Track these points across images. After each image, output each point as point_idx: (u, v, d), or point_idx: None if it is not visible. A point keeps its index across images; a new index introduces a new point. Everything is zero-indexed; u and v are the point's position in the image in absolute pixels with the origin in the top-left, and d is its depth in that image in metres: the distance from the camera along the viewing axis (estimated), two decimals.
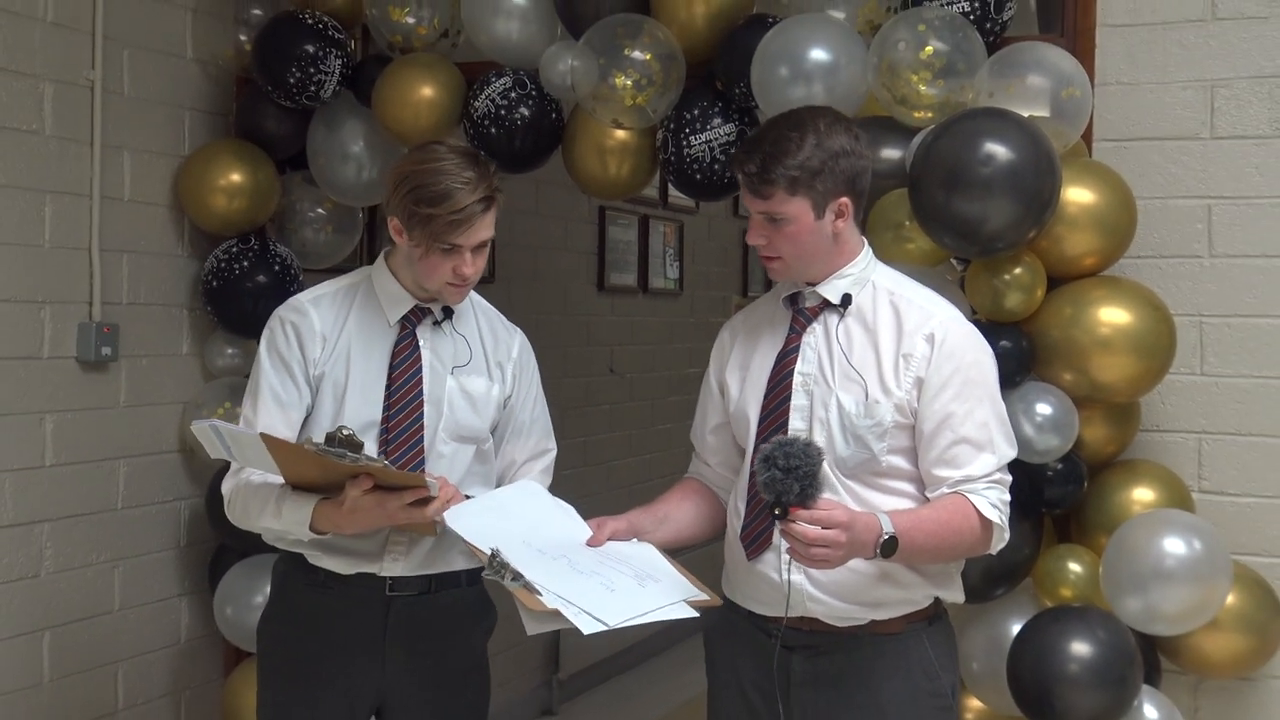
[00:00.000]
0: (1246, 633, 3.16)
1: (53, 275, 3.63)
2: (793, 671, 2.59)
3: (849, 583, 2.52)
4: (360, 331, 2.76)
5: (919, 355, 2.53)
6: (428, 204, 2.60)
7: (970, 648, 3.29)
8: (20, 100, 3.53)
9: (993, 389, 2.60)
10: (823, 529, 2.31)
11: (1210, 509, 3.28)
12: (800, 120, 2.55)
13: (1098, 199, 3.18)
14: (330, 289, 2.83)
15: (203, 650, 4.12)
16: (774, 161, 2.49)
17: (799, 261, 2.58)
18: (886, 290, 2.61)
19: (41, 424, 3.61)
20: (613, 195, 3.98)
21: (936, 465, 2.54)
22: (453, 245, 2.63)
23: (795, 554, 2.36)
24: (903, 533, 2.42)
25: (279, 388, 2.72)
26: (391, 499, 2.52)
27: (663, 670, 6.54)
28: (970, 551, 2.59)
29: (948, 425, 2.52)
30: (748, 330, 2.74)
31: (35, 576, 3.60)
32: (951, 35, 3.19)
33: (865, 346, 2.57)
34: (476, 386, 2.79)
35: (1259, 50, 3.28)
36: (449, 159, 2.64)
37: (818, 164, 2.50)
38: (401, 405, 2.72)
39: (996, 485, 2.56)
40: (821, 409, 2.56)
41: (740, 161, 2.55)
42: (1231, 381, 3.31)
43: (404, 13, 3.83)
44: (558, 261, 6.11)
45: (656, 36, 3.51)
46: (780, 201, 2.51)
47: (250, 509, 2.70)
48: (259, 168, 3.97)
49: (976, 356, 2.59)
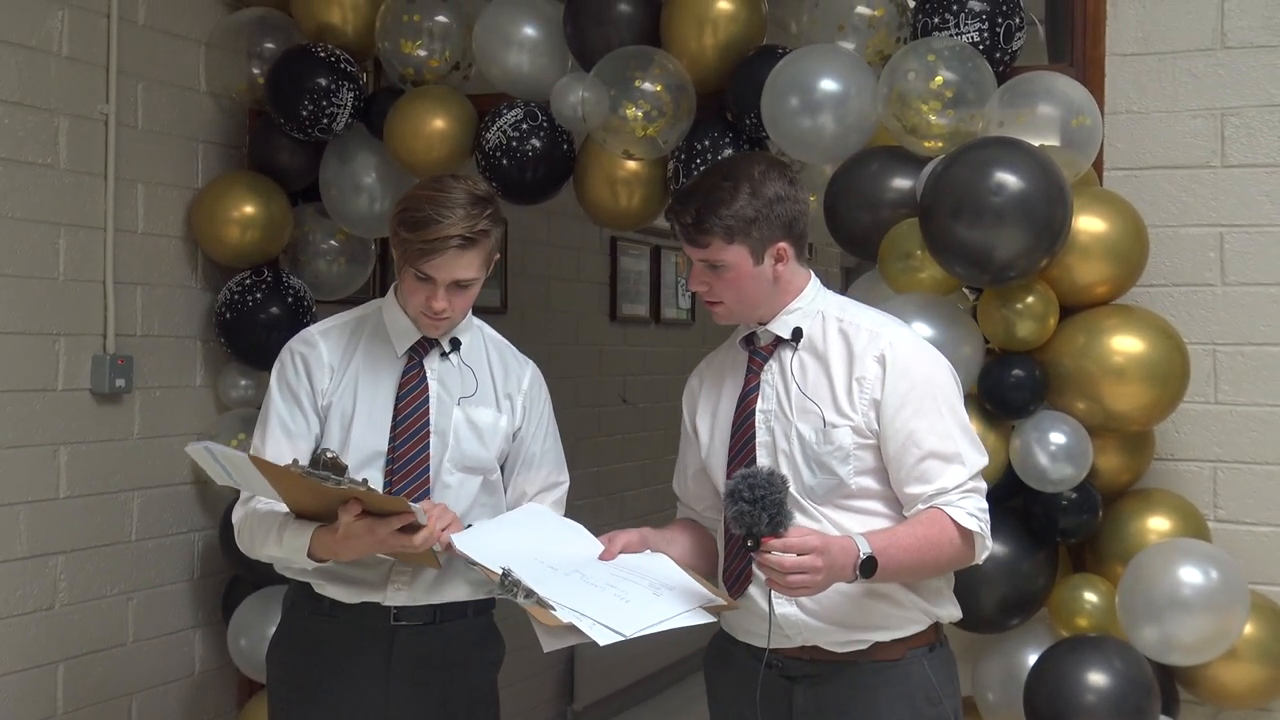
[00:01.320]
0: (1264, 663, 3.14)
1: (67, 307, 3.64)
2: (795, 702, 2.58)
3: (839, 606, 2.52)
4: (368, 362, 2.78)
5: (871, 377, 2.54)
6: (406, 227, 2.65)
7: (986, 678, 3.27)
8: (35, 134, 3.55)
9: (951, 400, 2.59)
10: (797, 556, 2.31)
11: (1226, 538, 3.26)
12: (734, 169, 2.58)
13: (1109, 227, 3.18)
14: (340, 321, 2.86)
15: (216, 682, 4.11)
16: (708, 211, 2.52)
17: (741, 306, 2.61)
18: (835, 318, 2.62)
19: (56, 456, 3.62)
20: (624, 226, 3.99)
21: (908, 483, 2.54)
22: (426, 275, 2.66)
23: (774, 584, 2.35)
24: (880, 551, 2.41)
25: (287, 418, 2.75)
26: (381, 525, 2.53)
27: (678, 702, 6.52)
28: (954, 563, 2.58)
29: (912, 442, 2.52)
30: (712, 375, 2.77)
31: (50, 608, 3.60)
32: (961, 65, 3.20)
33: (818, 375, 2.58)
34: (483, 417, 2.80)
35: (1269, 78, 3.29)
36: (445, 191, 2.67)
37: (753, 212, 2.53)
38: (407, 435, 2.73)
39: (971, 494, 2.55)
40: (784, 441, 2.57)
41: (676, 212, 2.58)
42: (1246, 410, 3.30)
43: (415, 45, 3.85)
44: (570, 292, 6.12)
45: (667, 68, 3.53)
46: (718, 250, 2.54)
47: (256, 537, 2.71)
48: (272, 200, 3.99)
49: (929, 371, 2.58)
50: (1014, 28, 3.29)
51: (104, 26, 3.73)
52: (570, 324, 6.11)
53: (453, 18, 3.87)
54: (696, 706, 3.04)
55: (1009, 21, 3.28)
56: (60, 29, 3.61)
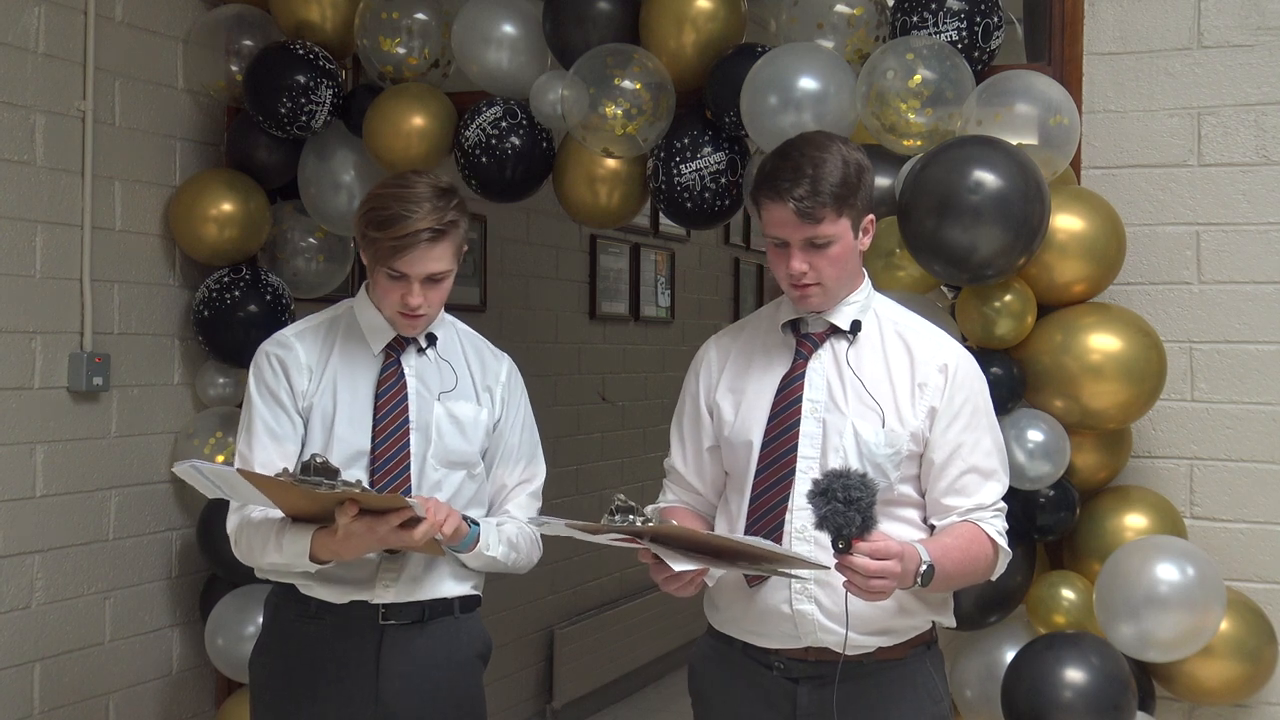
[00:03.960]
0: (1240, 659, 3.16)
1: (44, 305, 3.63)
2: (799, 703, 2.57)
3: (868, 614, 2.50)
4: (345, 362, 2.78)
5: (934, 385, 2.54)
6: (375, 227, 2.65)
7: (964, 675, 3.28)
8: (11, 131, 3.53)
9: (993, 417, 2.63)
10: (880, 561, 2.30)
11: (1202, 535, 3.28)
12: (822, 142, 2.54)
13: (1087, 226, 3.19)
14: (314, 322, 2.86)
15: (194, 681, 4.09)
16: (821, 182, 2.47)
17: (838, 285, 2.55)
18: (890, 319, 2.62)
19: (32, 454, 3.60)
20: (604, 224, 3.98)
21: (947, 495, 2.55)
22: (399, 273, 2.66)
23: (853, 587, 2.33)
24: (936, 561, 2.42)
25: (272, 421, 2.74)
26: (381, 523, 2.53)
27: (657, 701, 6.53)
28: (982, 578, 2.60)
29: (959, 455, 2.54)
30: (739, 351, 2.70)
31: (26, 608, 3.58)
32: (940, 64, 3.21)
33: (879, 374, 2.56)
34: (464, 411, 2.80)
35: (1245, 78, 3.30)
36: (409, 187, 2.67)
37: (855, 179, 2.51)
38: (389, 433, 2.73)
39: (1000, 514, 2.59)
40: (837, 437, 2.54)
41: (786, 189, 2.47)
42: (1222, 407, 3.32)
43: (395, 43, 3.84)
44: (549, 290, 6.11)
45: (646, 66, 3.53)
46: (830, 223, 2.48)
47: (254, 546, 2.70)
48: (250, 197, 3.97)
49: (981, 386, 2.62)
50: (992, 26, 3.30)
51: (81, 23, 3.72)
52: (550, 322, 6.11)
53: (432, 15, 3.86)
54: (675, 705, 3.04)
55: (987, 20, 3.29)
56: (37, 25, 3.59)
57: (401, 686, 2.75)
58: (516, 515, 2.86)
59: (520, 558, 2.84)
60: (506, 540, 2.79)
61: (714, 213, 3.62)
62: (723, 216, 3.65)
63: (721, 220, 3.69)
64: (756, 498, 2.58)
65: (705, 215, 3.63)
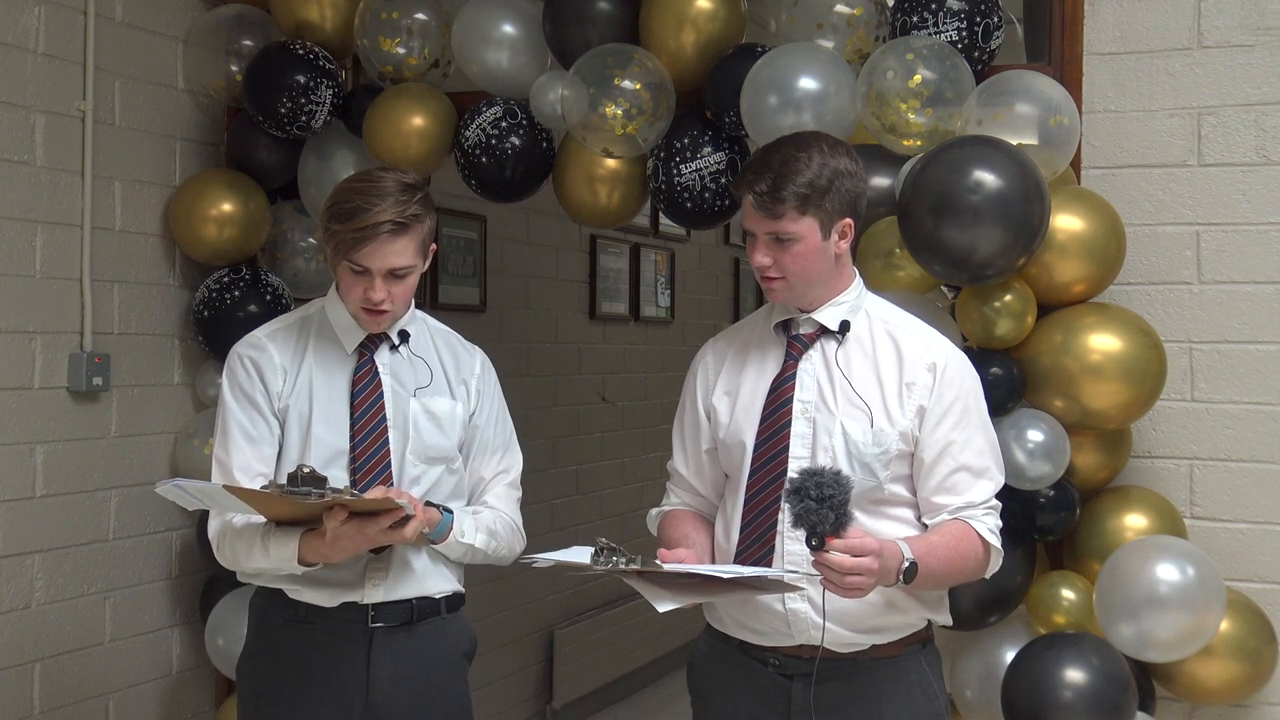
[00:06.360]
0: (1240, 659, 3.16)
1: (44, 305, 3.63)
2: (793, 700, 2.58)
3: (855, 611, 2.52)
4: (320, 362, 2.77)
5: (921, 384, 2.55)
6: (336, 219, 2.64)
7: (964, 675, 3.28)
8: (11, 131, 3.53)
9: (985, 416, 2.63)
10: (856, 558, 2.31)
11: (1202, 535, 3.28)
12: (805, 141, 2.57)
13: (1087, 226, 3.19)
14: (285, 323, 2.84)
15: (194, 681, 4.10)
16: (785, 180, 2.50)
17: (802, 283, 2.57)
18: (881, 319, 2.63)
19: (32, 454, 3.60)
20: (603, 224, 3.99)
21: (937, 493, 2.56)
22: (361, 266, 2.65)
23: (829, 584, 2.34)
24: (920, 558, 2.43)
25: (247, 424, 2.73)
26: (370, 525, 2.53)
27: (657, 700, 6.52)
28: (973, 576, 2.60)
29: (948, 453, 2.55)
30: (734, 354, 2.72)
31: (26, 608, 3.58)
32: (940, 64, 3.21)
33: (867, 374, 2.58)
34: (440, 407, 2.80)
35: (1245, 78, 3.30)
36: (373, 181, 2.66)
37: (825, 183, 2.51)
38: (366, 431, 2.73)
39: (993, 511, 2.59)
40: (826, 437, 2.55)
41: (749, 182, 2.54)
42: (1222, 407, 3.32)
43: (395, 43, 3.84)
44: (549, 290, 6.11)
45: (646, 66, 3.53)
46: (791, 220, 2.51)
47: (239, 552, 2.69)
48: (250, 197, 3.97)
49: (972, 384, 2.62)
50: (992, 26, 3.31)
51: (81, 23, 3.72)
52: (549, 322, 6.11)
53: (432, 15, 3.87)
54: (675, 704, 3.05)
55: (987, 20, 3.29)
56: (37, 25, 3.60)
57: (391, 689, 2.75)
58: (495, 505, 2.85)
59: (500, 546, 2.83)
60: (485, 528, 2.79)
61: (714, 213, 3.62)
62: (723, 216, 3.65)
63: (721, 220, 3.69)
64: (751, 498, 2.59)
65: (705, 215, 3.63)
